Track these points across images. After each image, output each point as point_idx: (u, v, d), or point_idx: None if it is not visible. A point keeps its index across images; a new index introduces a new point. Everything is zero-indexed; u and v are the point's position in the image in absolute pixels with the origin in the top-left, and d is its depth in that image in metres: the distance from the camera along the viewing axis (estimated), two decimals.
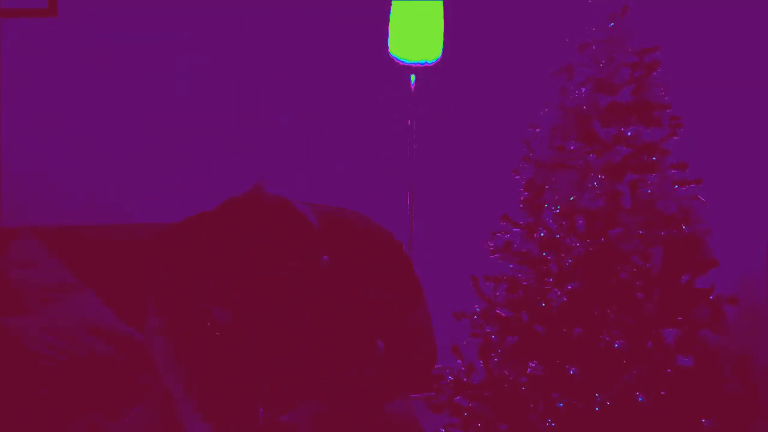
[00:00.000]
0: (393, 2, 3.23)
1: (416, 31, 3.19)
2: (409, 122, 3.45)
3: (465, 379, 2.67)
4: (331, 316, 2.00)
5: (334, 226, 1.98)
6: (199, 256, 1.95)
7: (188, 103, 3.34)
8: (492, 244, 2.66)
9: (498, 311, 2.60)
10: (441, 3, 3.23)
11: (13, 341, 2.70)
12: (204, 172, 3.34)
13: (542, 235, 2.55)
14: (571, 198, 2.51)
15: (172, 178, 3.38)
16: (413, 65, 3.24)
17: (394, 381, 2.08)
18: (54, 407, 2.64)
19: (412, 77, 3.30)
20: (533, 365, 2.50)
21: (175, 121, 3.34)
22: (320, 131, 3.40)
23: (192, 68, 3.32)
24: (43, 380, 2.69)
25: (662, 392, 2.43)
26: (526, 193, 2.63)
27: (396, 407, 2.31)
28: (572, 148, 2.53)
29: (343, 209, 2.09)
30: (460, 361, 2.71)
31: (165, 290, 2.01)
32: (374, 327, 2.07)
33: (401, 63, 3.25)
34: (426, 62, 3.23)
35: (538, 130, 2.63)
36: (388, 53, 3.27)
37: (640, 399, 2.41)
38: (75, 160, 3.30)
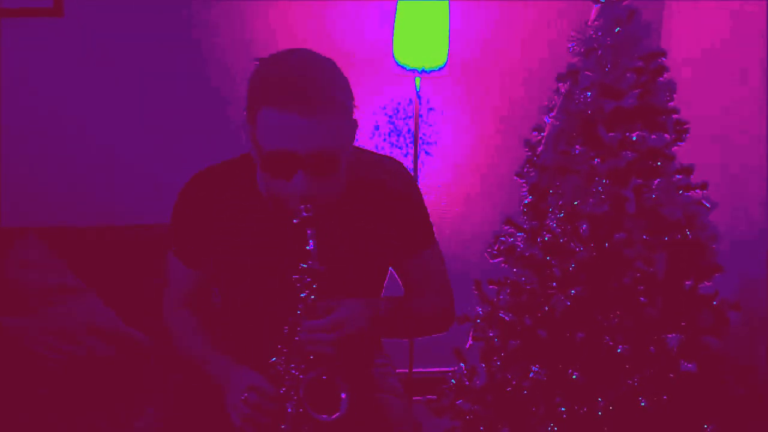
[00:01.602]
0: (398, 7, 3.23)
1: (421, 37, 3.19)
2: (413, 126, 3.44)
3: (467, 383, 2.67)
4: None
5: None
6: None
7: (188, 103, 3.33)
8: (495, 248, 2.65)
9: (501, 315, 2.60)
10: (447, 10, 3.23)
11: (14, 341, 2.69)
12: None
13: (546, 239, 2.54)
14: (576, 202, 2.51)
15: (172, 178, 3.36)
16: (418, 71, 3.24)
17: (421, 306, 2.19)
18: (54, 408, 2.64)
19: (417, 81, 3.30)
20: (536, 369, 2.50)
21: (175, 121, 3.33)
22: None
23: (192, 68, 3.31)
24: (43, 380, 2.69)
25: (665, 397, 2.43)
26: (530, 197, 2.63)
27: (396, 407, 2.31)
28: (577, 152, 2.52)
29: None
30: (462, 365, 2.71)
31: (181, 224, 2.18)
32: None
33: (406, 68, 3.24)
34: (432, 69, 3.22)
35: (542, 134, 2.62)
36: (393, 58, 3.26)
37: (642, 404, 2.41)
38: (75, 160, 3.28)
